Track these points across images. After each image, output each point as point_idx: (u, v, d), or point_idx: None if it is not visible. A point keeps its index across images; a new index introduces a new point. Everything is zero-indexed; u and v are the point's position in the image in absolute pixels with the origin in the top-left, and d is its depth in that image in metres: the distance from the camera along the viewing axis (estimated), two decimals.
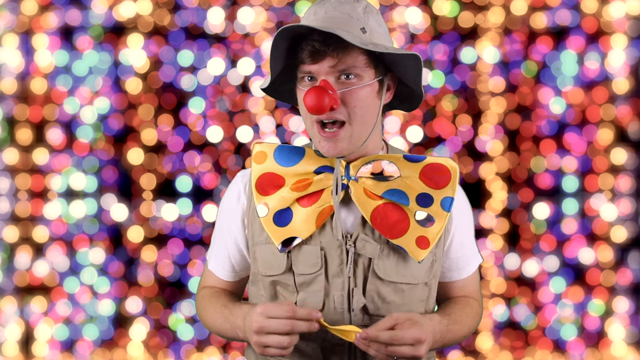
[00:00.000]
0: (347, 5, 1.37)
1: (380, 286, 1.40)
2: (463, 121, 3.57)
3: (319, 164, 1.40)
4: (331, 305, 1.40)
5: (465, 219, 1.51)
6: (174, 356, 3.53)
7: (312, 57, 1.32)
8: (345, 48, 1.31)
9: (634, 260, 3.55)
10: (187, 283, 3.55)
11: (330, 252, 1.40)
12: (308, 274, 1.41)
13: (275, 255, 1.42)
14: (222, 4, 3.54)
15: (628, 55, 3.54)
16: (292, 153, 1.43)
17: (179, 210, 3.55)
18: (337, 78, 1.34)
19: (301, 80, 1.37)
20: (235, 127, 3.55)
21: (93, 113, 3.54)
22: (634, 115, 3.56)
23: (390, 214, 1.38)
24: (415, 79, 1.41)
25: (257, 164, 1.45)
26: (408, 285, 1.42)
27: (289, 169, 1.42)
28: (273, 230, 1.41)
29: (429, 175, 1.41)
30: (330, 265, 1.40)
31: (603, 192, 3.55)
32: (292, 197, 1.40)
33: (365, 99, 1.35)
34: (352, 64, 1.33)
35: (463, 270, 1.54)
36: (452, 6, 3.54)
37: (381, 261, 1.40)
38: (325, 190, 1.39)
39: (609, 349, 3.53)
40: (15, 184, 3.53)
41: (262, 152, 1.45)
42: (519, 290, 3.56)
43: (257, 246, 1.45)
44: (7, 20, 3.50)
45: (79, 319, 3.52)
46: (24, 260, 3.51)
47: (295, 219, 1.40)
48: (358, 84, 1.34)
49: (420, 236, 1.39)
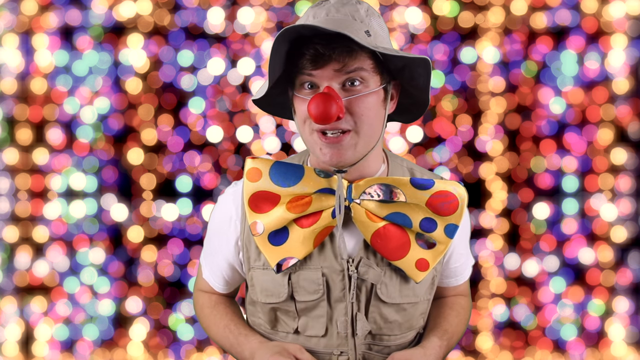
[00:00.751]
0: (350, 7, 1.26)
1: (383, 308, 1.39)
2: (463, 121, 3.57)
3: (319, 186, 1.30)
4: (334, 331, 1.38)
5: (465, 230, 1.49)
6: (174, 356, 3.53)
7: (315, 62, 1.21)
8: (351, 52, 1.21)
9: (634, 260, 3.55)
10: (187, 283, 3.54)
11: (332, 277, 1.35)
12: (310, 300, 1.36)
13: (275, 281, 1.36)
14: (222, 4, 3.54)
15: (628, 55, 3.54)
16: (290, 172, 1.31)
17: (179, 210, 3.55)
18: (342, 85, 1.23)
19: (300, 88, 1.26)
20: (235, 127, 3.55)
21: (93, 113, 3.54)
22: (634, 115, 3.56)
23: (391, 236, 1.32)
24: (424, 86, 1.31)
25: (250, 181, 1.33)
26: (410, 304, 1.42)
27: (286, 189, 1.31)
28: (268, 249, 1.33)
29: (436, 204, 1.33)
30: (333, 291, 1.36)
31: (603, 192, 3.55)
32: (289, 217, 1.31)
33: (372, 107, 1.25)
34: (358, 68, 1.22)
35: (461, 276, 1.56)
36: (452, 6, 3.54)
37: (384, 285, 1.36)
38: (324, 212, 1.31)
39: (609, 349, 3.53)
40: (15, 184, 3.53)
41: (256, 170, 1.33)
42: (519, 290, 3.56)
43: (254, 271, 1.39)
44: (7, 20, 3.50)
45: (79, 319, 3.52)
46: (24, 260, 3.52)
47: (292, 238, 1.31)
48: (364, 91, 1.23)
49: (420, 259, 1.35)
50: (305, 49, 1.21)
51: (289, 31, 1.17)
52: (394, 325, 1.41)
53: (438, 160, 3.55)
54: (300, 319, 1.39)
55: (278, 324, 1.42)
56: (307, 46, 1.20)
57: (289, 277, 1.35)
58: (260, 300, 1.40)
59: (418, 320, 1.46)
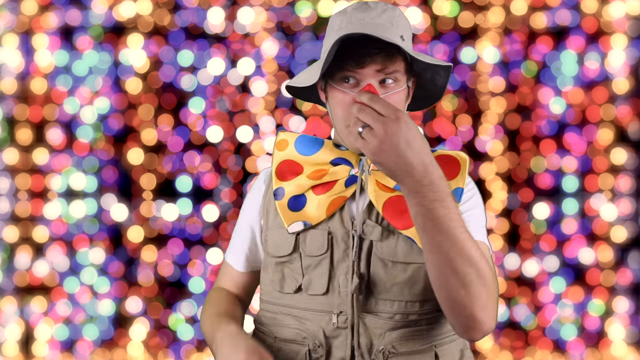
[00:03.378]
0: (390, 12, 1.41)
1: (385, 268, 1.41)
2: (463, 121, 3.57)
3: (336, 155, 1.46)
4: (335, 290, 1.42)
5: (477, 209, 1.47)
6: (174, 356, 3.53)
7: (360, 62, 1.36)
8: (391, 56, 1.36)
9: (634, 260, 3.55)
10: (187, 283, 3.55)
11: (337, 236, 1.44)
12: (314, 255, 1.44)
13: (285, 237, 1.47)
14: (222, 4, 3.54)
15: (628, 55, 3.54)
16: (312, 143, 1.49)
17: (179, 210, 3.55)
18: (380, 82, 1.38)
19: (340, 82, 1.39)
20: (235, 127, 3.55)
21: (93, 113, 3.54)
22: (634, 115, 3.56)
23: (401, 206, 1.39)
24: (442, 85, 1.48)
25: (278, 150, 1.52)
26: (413, 265, 1.41)
27: (308, 157, 1.48)
28: (286, 213, 1.46)
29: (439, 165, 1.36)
30: (336, 250, 1.43)
31: (603, 192, 3.55)
32: (308, 184, 1.46)
33: (400, 102, 1.40)
34: (395, 70, 1.37)
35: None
36: (452, 6, 3.54)
37: (385, 244, 1.41)
38: (338, 182, 1.45)
39: (609, 349, 3.53)
40: (15, 184, 3.53)
41: (285, 140, 1.52)
42: (519, 290, 3.56)
43: (270, 230, 1.50)
44: (7, 20, 3.50)
45: (79, 319, 3.52)
46: (24, 260, 3.52)
47: (309, 205, 1.45)
48: (397, 89, 1.39)
49: None
50: (352, 50, 1.35)
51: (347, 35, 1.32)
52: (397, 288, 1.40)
53: None
54: (304, 276, 1.45)
55: (285, 282, 1.48)
56: (354, 47, 1.35)
57: (298, 234, 1.46)
58: (270, 254, 1.49)
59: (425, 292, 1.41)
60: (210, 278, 3.54)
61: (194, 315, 3.54)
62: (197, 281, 3.54)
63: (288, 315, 1.47)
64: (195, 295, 3.54)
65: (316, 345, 1.43)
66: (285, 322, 1.47)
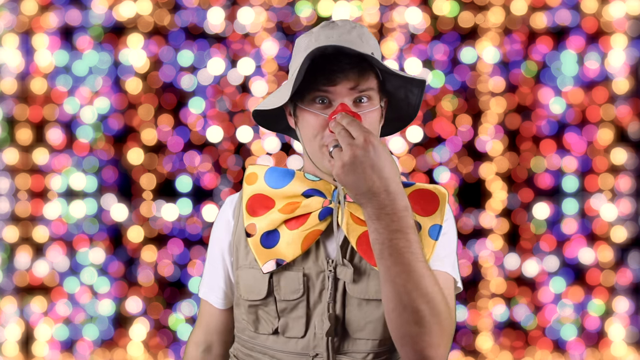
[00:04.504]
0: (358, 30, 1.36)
1: (359, 306, 1.38)
2: (463, 121, 3.57)
3: (307, 187, 1.39)
4: (312, 332, 1.40)
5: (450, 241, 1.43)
6: (174, 356, 3.53)
7: (331, 80, 1.30)
8: (364, 71, 1.30)
9: (634, 260, 3.55)
10: (187, 283, 3.54)
11: (312, 277, 1.39)
12: (290, 300, 1.40)
13: (257, 279, 1.41)
14: (222, 4, 3.54)
15: (628, 55, 3.54)
16: (282, 175, 1.43)
17: (179, 210, 3.55)
18: (354, 101, 1.32)
19: (311, 103, 1.33)
20: (235, 127, 3.55)
21: (93, 113, 3.54)
22: (634, 115, 3.56)
23: None
24: (416, 103, 1.42)
25: (248, 184, 1.46)
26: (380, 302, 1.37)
27: (279, 190, 1.41)
28: (260, 251, 1.40)
29: (417, 200, 1.37)
30: (312, 292, 1.39)
31: (603, 192, 3.55)
32: (280, 218, 1.39)
33: (374, 123, 1.34)
34: (368, 87, 1.32)
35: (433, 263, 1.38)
36: (452, 6, 3.54)
37: (359, 284, 1.37)
38: (312, 214, 1.38)
39: (609, 349, 3.53)
40: (15, 184, 3.53)
41: (254, 174, 1.46)
42: (519, 290, 3.56)
43: (241, 270, 1.45)
44: (7, 20, 3.50)
45: (79, 319, 3.52)
46: (24, 260, 3.52)
47: (282, 241, 1.39)
48: (371, 108, 1.33)
49: None
50: (322, 66, 1.29)
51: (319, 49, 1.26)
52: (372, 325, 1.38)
53: (438, 160, 3.55)
54: (280, 319, 1.41)
55: (259, 324, 1.44)
56: (324, 64, 1.29)
57: (271, 275, 1.40)
58: (243, 297, 1.44)
59: None
60: None
61: (194, 315, 3.54)
62: (197, 281, 3.54)
63: (264, 355, 1.44)
64: (195, 295, 3.53)
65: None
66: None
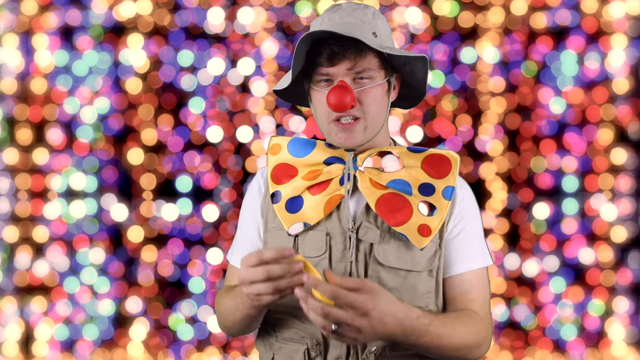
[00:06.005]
0: (360, 11, 1.47)
1: (381, 272, 1.43)
2: (463, 121, 3.57)
3: (328, 155, 1.50)
4: None
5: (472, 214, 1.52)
6: (174, 356, 3.53)
7: (331, 61, 1.41)
8: (361, 51, 1.41)
9: (634, 260, 3.55)
10: (187, 283, 3.54)
11: (335, 238, 1.46)
12: (313, 257, 1.46)
13: (284, 240, 1.49)
14: (222, 4, 3.54)
15: (628, 55, 3.54)
16: (304, 145, 1.53)
17: (179, 210, 3.55)
18: (353, 79, 1.43)
19: (317, 82, 1.45)
20: (235, 127, 3.55)
21: (93, 113, 3.54)
22: (634, 115, 3.56)
23: (394, 203, 1.44)
24: (422, 78, 1.51)
25: (272, 155, 1.55)
26: (410, 272, 1.43)
27: (301, 159, 1.52)
28: (284, 216, 1.49)
29: (431, 164, 1.49)
30: (334, 251, 1.45)
31: (603, 192, 3.55)
32: (303, 185, 1.49)
33: (377, 98, 1.45)
34: (367, 67, 1.42)
35: (464, 263, 1.49)
36: (452, 6, 3.54)
37: (381, 247, 1.44)
38: (333, 180, 1.48)
39: (609, 349, 3.53)
40: (15, 184, 3.53)
41: (277, 145, 1.55)
42: (519, 290, 3.56)
43: (269, 232, 1.52)
44: (7, 20, 3.50)
45: (79, 319, 3.52)
46: (24, 260, 3.52)
47: (305, 206, 1.48)
48: (371, 84, 1.44)
49: (422, 224, 1.43)
50: (322, 50, 1.42)
51: (310, 35, 1.39)
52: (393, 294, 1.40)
53: None
54: None
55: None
56: (324, 47, 1.41)
57: (296, 237, 1.49)
58: None
59: (424, 298, 1.45)
60: (211, 278, 3.54)
61: (194, 315, 3.54)
62: (197, 281, 3.54)
63: (288, 315, 1.47)
64: (195, 295, 3.54)
65: (314, 344, 1.45)
66: (286, 321, 1.48)
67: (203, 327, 3.54)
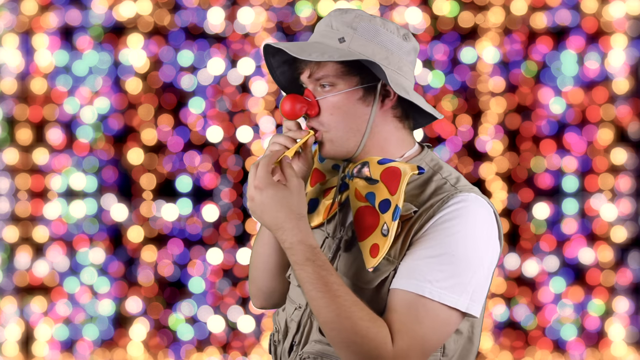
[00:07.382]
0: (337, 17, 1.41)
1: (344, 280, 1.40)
2: (463, 121, 3.57)
3: (334, 162, 1.53)
4: None
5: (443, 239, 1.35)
6: (174, 356, 3.53)
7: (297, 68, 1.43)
8: (318, 61, 1.38)
9: (634, 260, 3.55)
10: (187, 283, 3.54)
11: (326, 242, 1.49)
12: None
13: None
14: (222, 4, 3.54)
15: (628, 55, 3.54)
16: None
17: (179, 210, 3.55)
18: (315, 88, 1.41)
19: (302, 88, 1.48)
20: (235, 127, 3.55)
21: (93, 113, 3.54)
22: (634, 115, 3.56)
23: (366, 217, 1.39)
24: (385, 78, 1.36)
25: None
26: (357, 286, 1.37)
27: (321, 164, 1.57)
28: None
29: (385, 179, 1.37)
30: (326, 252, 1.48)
31: (603, 192, 3.55)
32: (320, 190, 1.54)
33: (342, 106, 1.39)
34: (325, 74, 1.38)
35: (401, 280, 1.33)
36: (452, 6, 3.54)
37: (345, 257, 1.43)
38: (334, 188, 1.50)
39: (609, 349, 3.53)
40: (15, 184, 3.53)
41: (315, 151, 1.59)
42: (519, 290, 3.56)
43: None
44: (7, 20, 3.50)
45: (79, 319, 3.52)
46: (24, 260, 3.51)
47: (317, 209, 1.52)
48: (332, 92, 1.39)
49: (374, 244, 1.34)
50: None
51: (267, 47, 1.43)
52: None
53: None
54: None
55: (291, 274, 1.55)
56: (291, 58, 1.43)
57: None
58: None
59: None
60: (211, 278, 3.54)
61: (194, 315, 3.54)
62: (197, 281, 3.54)
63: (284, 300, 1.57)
64: (195, 295, 3.54)
65: (276, 331, 1.51)
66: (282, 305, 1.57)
67: (203, 327, 3.54)
